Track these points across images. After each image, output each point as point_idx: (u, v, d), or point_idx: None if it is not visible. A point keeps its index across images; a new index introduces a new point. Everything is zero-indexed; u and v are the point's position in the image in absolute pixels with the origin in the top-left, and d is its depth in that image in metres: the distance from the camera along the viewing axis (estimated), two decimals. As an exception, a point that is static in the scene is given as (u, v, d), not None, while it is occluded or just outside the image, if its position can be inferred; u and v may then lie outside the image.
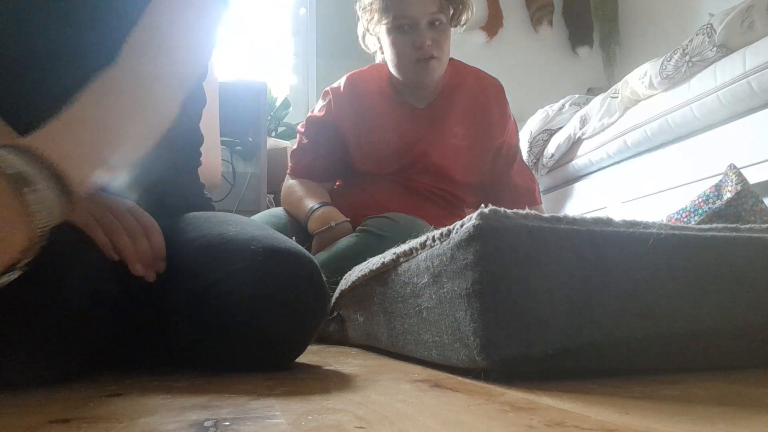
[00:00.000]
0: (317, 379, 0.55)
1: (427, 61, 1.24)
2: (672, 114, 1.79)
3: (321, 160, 1.36)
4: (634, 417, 0.34)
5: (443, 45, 1.26)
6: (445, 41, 1.26)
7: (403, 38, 1.24)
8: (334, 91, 1.36)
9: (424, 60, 1.24)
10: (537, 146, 2.52)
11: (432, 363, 0.61)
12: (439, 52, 1.25)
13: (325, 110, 1.36)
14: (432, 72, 1.26)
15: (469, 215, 0.49)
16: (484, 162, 1.38)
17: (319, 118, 1.36)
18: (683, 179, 1.76)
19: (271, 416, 0.36)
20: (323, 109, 1.36)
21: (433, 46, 1.23)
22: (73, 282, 0.55)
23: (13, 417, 0.38)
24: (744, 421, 0.34)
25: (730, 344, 0.55)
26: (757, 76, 1.50)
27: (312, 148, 1.36)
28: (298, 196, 1.30)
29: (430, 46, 1.23)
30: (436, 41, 1.24)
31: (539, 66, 3.29)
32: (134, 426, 0.34)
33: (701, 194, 1.18)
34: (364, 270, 0.78)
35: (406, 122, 1.33)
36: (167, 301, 0.63)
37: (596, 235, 0.50)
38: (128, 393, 0.47)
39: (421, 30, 1.22)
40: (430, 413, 0.37)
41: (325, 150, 1.35)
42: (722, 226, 0.58)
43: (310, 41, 3.20)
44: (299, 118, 3.05)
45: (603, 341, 0.49)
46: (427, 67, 1.25)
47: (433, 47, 1.23)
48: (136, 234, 0.61)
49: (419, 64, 1.25)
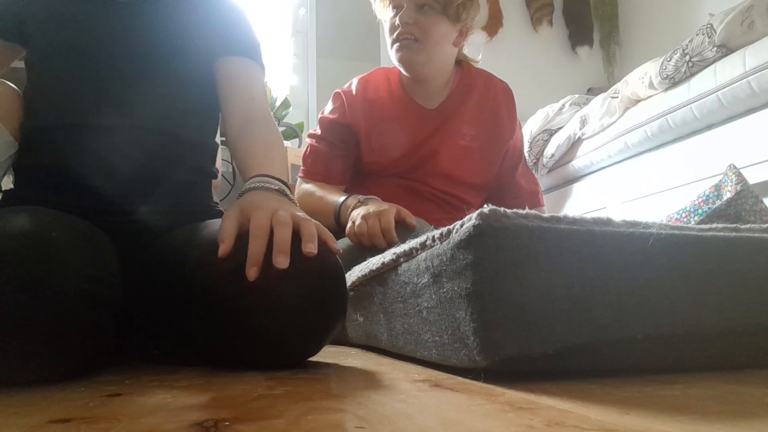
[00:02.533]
0: (317, 379, 0.55)
1: (405, 42, 1.23)
2: (672, 114, 1.79)
3: (337, 162, 1.34)
4: (634, 417, 0.34)
5: (428, 30, 1.22)
6: (431, 27, 1.23)
7: (390, 19, 1.25)
8: (346, 93, 1.35)
9: (402, 40, 1.23)
10: (537, 146, 2.52)
11: (432, 363, 0.61)
12: (422, 35, 1.22)
13: (338, 112, 1.34)
14: (410, 54, 1.24)
15: (469, 215, 0.49)
16: (492, 164, 1.38)
17: (333, 120, 1.35)
18: (683, 179, 1.76)
19: (271, 416, 0.36)
20: (335, 111, 1.35)
21: (415, 28, 1.22)
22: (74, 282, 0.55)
23: (13, 417, 0.38)
24: (744, 421, 0.34)
25: (730, 344, 0.55)
26: (757, 76, 1.50)
27: (327, 149, 1.34)
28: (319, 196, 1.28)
29: (410, 26, 1.21)
30: (419, 24, 1.22)
31: (539, 66, 3.29)
32: (134, 426, 0.34)
33: (701, 194, 1.18)
34: (364, 270, 0.78)
35: (415, 123, 1.32)
36: (184, 297, 0.63)
37: (596, 235, 0.50)
38: (128, 393, 0.47)
39: (405, 11, 1.22)
40: (430, 413, 0.37)
41: (340, 151, 1.34)
42: (722, 226, 0.58)
43: (310, 41, 3.20)
44: (299, 118, 3.05)
45: (603, 341, 0.48)
46: (406, 48, 1.23)
47: (414, 28, 1.22)
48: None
49: (397, 45, 1.24)
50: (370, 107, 1.33)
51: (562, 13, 3.41)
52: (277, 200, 0.68)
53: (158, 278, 0.70)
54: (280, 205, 0.65)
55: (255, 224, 0.60)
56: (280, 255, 0.57)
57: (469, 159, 1.33)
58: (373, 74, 1.39)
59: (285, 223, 0.60)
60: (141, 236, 0.77)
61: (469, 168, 1.34)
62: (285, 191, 0.73)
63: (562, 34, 3.40)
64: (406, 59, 1.25)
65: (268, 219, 0.60)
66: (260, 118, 0.87)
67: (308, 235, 0.60)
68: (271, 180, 0.73)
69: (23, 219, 0.59)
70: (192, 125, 0.86)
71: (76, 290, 0.54)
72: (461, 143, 1.32)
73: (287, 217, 0.61)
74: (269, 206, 0.63)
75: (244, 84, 0.89)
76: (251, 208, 0.63)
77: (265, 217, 0.60)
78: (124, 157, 0.78)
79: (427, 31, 1.22)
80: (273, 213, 0.61)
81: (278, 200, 0.68)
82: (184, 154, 0.84)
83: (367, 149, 1.32)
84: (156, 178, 0.81)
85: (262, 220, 0.60)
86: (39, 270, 0.52)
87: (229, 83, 0.89)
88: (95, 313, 0.57)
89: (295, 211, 0.64)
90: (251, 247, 0.58)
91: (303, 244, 0.59)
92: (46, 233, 0.57)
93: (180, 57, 0.85)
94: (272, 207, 0.63)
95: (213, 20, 0.90)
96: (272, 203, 0.65)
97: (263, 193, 0.69)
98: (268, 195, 0.69)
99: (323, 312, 0.62)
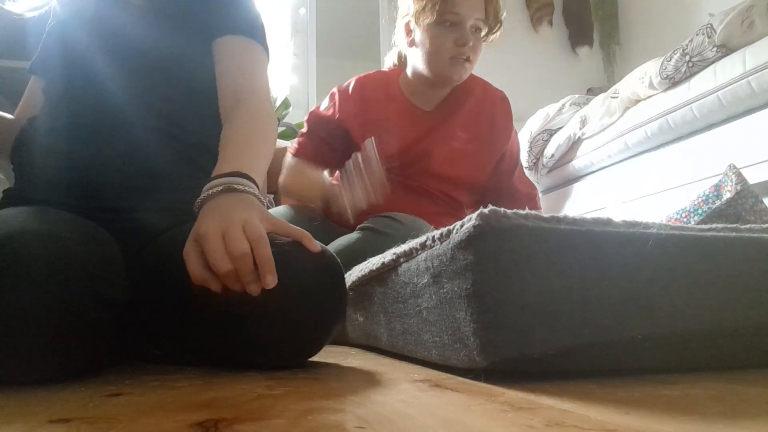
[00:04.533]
0: (317, 379, 0.55)
1: (463, 61, 1.28)
2: (672, 114, 1.79)
3: (323, 148, 1.39)
4: (634, 417, 0.34)
5: (478, 52, 1.30)
6: (479, 50, 1.31)
7: (446, 33, 1.27)
8: (341, 92, 1.39)
9: (462, 59, 1.27)
10: (537, 146, 2.52)
11: (432, 363, 0.61)
12: (474, 56, 1.30)
13: (330, 110, 1.38)
14: (463, 73, 1.30)
15: (469, 215, 0.49)
16: (486, 168, 1.40)
17: (322, 115, 1.40)
18: (683, 179, 1.77)
19: (271, 416, 0.36)
20: (329, 109, 1.39)
21: (471, 50, 1.28)
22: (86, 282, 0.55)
23: (13, 417, 0.38)
24: (744, 421, 0.34)
25: (730, 344, 0.55)
26: (757, 76, 1.50)
27: (313, 138, 1.39)
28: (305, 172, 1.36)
29: (470, 47, 1.27)
30: (475, 48, 1.28)
31: (539, 66, 3.29)
32: (134, 426, 0.34)
33: (701, 194, 1.18)
34: (363, 270, 0.78)
35: (410, 123, 1.35)
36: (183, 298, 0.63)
37: (596, 235, 0.50)
38: (128, 393, 0.47)
39: (465, 29, 1.26)
40: (430, 413, 0.37)
41: (325, 143, 1.38)
42: (722, 226, 0.58)
43: (310, 41, 3.20)
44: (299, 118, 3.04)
45: (603, 341, 0.48)
46: (462, 66, 1.28)
47: (470, 50, 1.27)
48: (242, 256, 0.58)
49: (454, 61, 1.28)
50: (366, 106, 1.36)
51: (562, 13, 3.41)
52: (226, 207, 0.61)
53: (158, 278, 0.70)
54: (229, 214, 0.59)
55: (213, 264, 0.56)
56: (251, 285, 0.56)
57: (461, 161, 1.36)
58: (372, 75, 1.42)
59: (241, 256, 0.56)
60: (141, 235, 0.77)
61: (462, 169, 1.36)
62: (233, 185, 0.65)
63: (562, 34, 3.41)
64: (461, 76, 1.31)
65: (221, 248, 0.56)
66: (248, 95, 0.82)
67: (261, 262, 0.56)
68: (218, 181, 0.66)
69: (35, 219, 0.59)
70: (195, 124, 0.86)
71: (87, 291, 0.55)
72: (455, 145, 1.35)
73: (242, 247, 0.56)
74: (216, 226, 0.58)
75: (234, 60, 0.85)
76: (200, 235, 0.58)
77: (217, 249, 0.56)
78: (125, 155, 0.78)
79: (477, 53, 1.31)
80: (224, 233, 0.57)
81: (227, 207, 0.61)
82: (186, 153, 0.84)
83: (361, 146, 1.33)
84: (157, 177, 0.81)
85: (216, 256, 0.56)
86: (52, 270, 0.53)
87: (219, 62, 0.86)
88: (103, 313, 0.57)
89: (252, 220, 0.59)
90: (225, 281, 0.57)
91: (261, 276, 0.56)
92: (59, 234, 0.57)
93: (181, 53, 0.85)
94: (220, 225, 0.58)
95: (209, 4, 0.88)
96: (220, 215, 0.59)
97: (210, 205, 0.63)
98: (214, 205, 0.63)
99: (322, 313, 0.62)
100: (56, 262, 0.53)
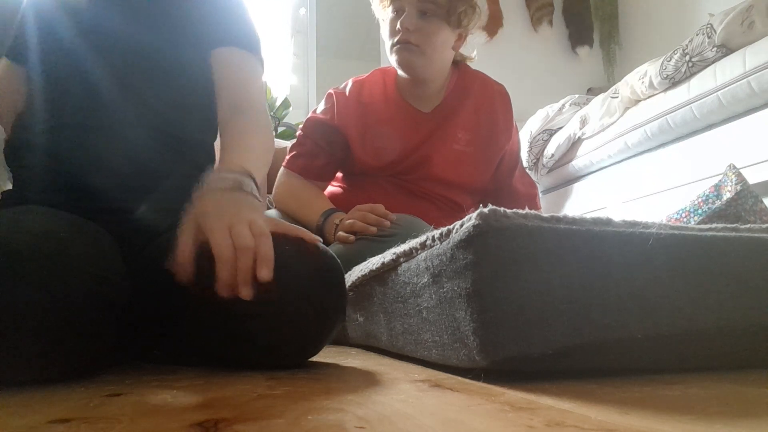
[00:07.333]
0: (317, 379, 0.55)
1: (405, 46, 1.22)
2: (672, 114, 1.79)
3: (319, 160, 1.34)
4: (634, 417, 0.34)
5: (430, 36, 1.22)
6: (433, 33, 1.23)
7: (391, 21, 1.24)
8: (338, 94, 1.35)
9: (402, 44, 1.23)
10: (537, 146, 2.52)
11: (432, 363, 0.61)
12: (423, 41, 1.22)
13: (328, 113, 1.34)
14: (409, 56, 1.24)
15: (469, 215, 0.49)
16: (487, 169, 1.37)
17: (320, 120, 1.35)
18: (683, 179, 1.77)
19: (271, 416, 0.36)
20: (327, 112, 1.35)
21: (416, 35, 1.21)
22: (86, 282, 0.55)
23: (13, 417, 0.38)
24: (744, 421, 0.34)
25: (730, 344, 0.55)
26: (757, 76, 1.50)
27: (310, 148, 1.35)
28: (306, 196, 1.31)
29: (410, 32, 1.21)
30: (422, 32, 1.22)
31: (539, 66, 3.29)
32: (134, 426, 0.34)
33: (701, 194, 1.19)
34: (363, 270, 0.78)
35: (410, 126, 1.31)
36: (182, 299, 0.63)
37: (596, 235, 0.50)
38: (128, 393, 0.47)
39: (407, 16, 1.21)
40: (430, 413, 0.37)
41: (324, 152, 1.34)
42: (722, 226, 0.58)
43: (310, 41, 3.20)
44: (299, 118, 3.05)
45: (603, 341, 0.48)
46: (404, 51, 1.23)
47: (413, 34, 1.21)
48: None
49: (394, 48, 1.24)
50: (364, 110, 1.32)
51: (562, 13, 3.41)
52: (234, 204, 0.62)
53: (157, 278, 0.69)
54: (237, 211, 0.60)
55: (217, 250, 0.56)
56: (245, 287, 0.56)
57: (463, 163, 1.32)
58: (369, 76, 1.39)
59: (245, 249, 0.56)
60: (140, 235, 0.77)
61: (463, 172, 1.33)
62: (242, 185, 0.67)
63: (562, 34, 3.41)
64: (405, 62, 1.25)
65: (227, 237, 0.57)
66: (247, 106, 0.84)
67: (262, 258, 0.56)
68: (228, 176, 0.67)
69: (35, 219, 0.59)
70: (191, 123, 0.86)
71: (87, 291, 0.55)
72: (455, 147, 1.31)
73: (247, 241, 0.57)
74: (224, 220, 0.58)
75: (232, 72, 0.87)
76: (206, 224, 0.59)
77: (224, 238, 0.57)
78: (123, 155, 0.78)
79: (429, 38, 1.23)
80: (231, 228, 0.58)
81: (235, 204, 0.62)
82: (183, 152, 0.84)
83: (360, 151, 1.32)
84: (155, 177, 0.81)
85: (221, 243, 0.56)
86: (52, 270, 0.53)
87: (219, 73, 0.88)
88: (103, 313, 0.57)
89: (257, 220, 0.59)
90: (220, 272, 0.56)
91: (258, 269, 0.56)
92: (58, 234, 0.57)
93: (177, 54, 0.85)
94: (228, 219, 0.58)
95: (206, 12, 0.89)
96: (228, 211, 0.60)
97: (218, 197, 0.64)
98: (222, 199, 0.63)
99: (322, 313, 0.62)
100: (55, 262, 0.53)
